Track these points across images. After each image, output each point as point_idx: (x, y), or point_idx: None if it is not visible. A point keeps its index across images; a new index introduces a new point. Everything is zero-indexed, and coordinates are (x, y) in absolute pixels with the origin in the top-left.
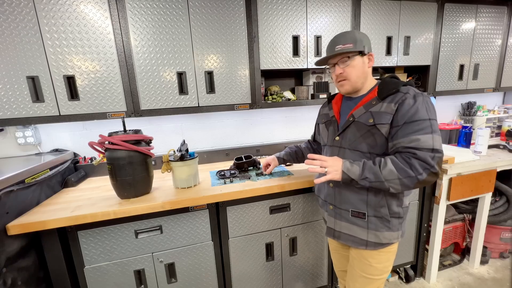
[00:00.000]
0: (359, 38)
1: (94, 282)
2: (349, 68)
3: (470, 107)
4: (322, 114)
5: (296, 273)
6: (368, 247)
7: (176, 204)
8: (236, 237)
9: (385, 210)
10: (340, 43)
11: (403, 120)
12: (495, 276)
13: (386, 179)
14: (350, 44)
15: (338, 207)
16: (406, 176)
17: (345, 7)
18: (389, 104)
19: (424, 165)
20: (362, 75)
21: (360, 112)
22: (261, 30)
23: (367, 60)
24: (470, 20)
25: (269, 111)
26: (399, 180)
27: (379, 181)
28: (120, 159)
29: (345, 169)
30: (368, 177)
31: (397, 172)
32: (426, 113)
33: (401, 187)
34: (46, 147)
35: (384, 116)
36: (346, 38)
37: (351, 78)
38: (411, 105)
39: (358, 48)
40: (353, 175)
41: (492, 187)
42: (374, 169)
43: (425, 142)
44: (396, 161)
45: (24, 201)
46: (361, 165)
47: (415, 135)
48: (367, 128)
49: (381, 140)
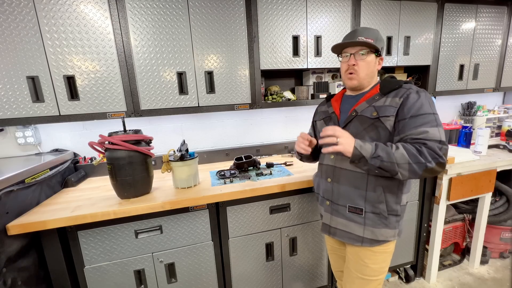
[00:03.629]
0: (380, 38)
1: (94, 282)
2: (363, 62)
3: (470, 107)
4: (319, 112)
5: (296, 273)
6: (364, 243)
7: (176, 204)
8: (236, 237)
9: (383, 206)
10: (362, 35)
11: (409, 113)
12: (495, 276)
13: (397, 162)
14: (372, 39)
15: (335, 202)
16: (416, 161)
17: (345, 7)
18: (394, 98)
19: (433, 154)
20: (371, 74)
21: (363, 107)
22: (261, 30)
23: (378, 62)
24: (470, 20)
25: (269, 111)
26: (408, 165)
27: (390, 162)
28: (120, 159)
29: (357, 145)
30: (380, 155)
31: (408, 156)
32: (430, 108)
33: (408, 173)
34: (46, 147)
35: (388, 109)
36: (370, 33)
37: (360, 74)
38: (416, 99)
39: (378, 45)
40: (365, 152)
41: (492, 187)
42: (387, 149)
43: (433, 134)
44: (408, 147)
45: (24, 201)
46: (373, 144)
47: (423, 127)
48: (370, 121)
49: (385, 134)
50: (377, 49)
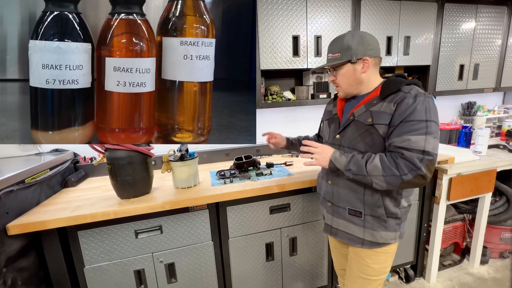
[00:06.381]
0: (347, 46)
1: (94, 282)
2: (339, 76)
3: (470, 107)
4: (327, 111)
5: (296, 273)
6: (364, 245)
7: (176, 204)
8: (236, 237)
9: (381, 210)
10: (330, 51)
11: (399, 119)
12: (495, 276)
13: (370, 174)
14: (338, 53)
15: (336, 204)
16: (391, 174)
17: (345, 7)
18: (389, 104)
19: (410, 166)
20: (354, 82)
21: (361, 111)
22: (261, 30)
23: (359, 67)
24: (470, 20)
25: (269, 111)
26: (383, 177)
27: (361, 175)
28: (120, 159)
29: (333, 159)
30: (351, 169)
31: (382, 169)
32: (424, 114)
33: (386, 185)
34: (46, 147)
35: (383, 116)
36: (336, 46)
37: (342, 86)
38: (409, 104)
39: (344, 58)
40: (339, 165)
41: (492, 187)
42: (359, 162)
43: (416, 143)
44: (384, 158)
45: (24, 201)
46: (349, 157)
47: (407, 135)
48: (365, 127)
49: (379, 140)
50: (348, 60)
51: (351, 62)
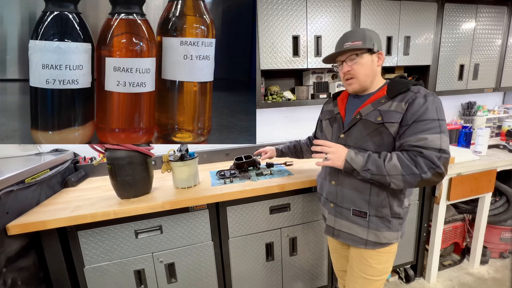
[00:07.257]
0: (368, 36)
1: (94, 282)
2: (357, 65)
3: (470, 107)
4: (325, 110)
5: (296, 273)
6: (367, 246)
7: (176, 204)
8: (236, 237)
9: (386, 211)
10: (349, 40)
11: (412, 119)
12: (495, 276)
13: (389, 173)
14: (359, 41)
15: (339, 205)
16: (410, 173)
17: (345, 7)
18: (400, 103)
19: (430, 164)
20: (371, 73)
21: (368, 110)
22: (261, 30)
23: (376, 59)
24: (470, 20)
25: (269, 111)
26: (402, 176)
27: (380, 175)
28: (120, 159)
29: (348, 158)
30: (370, 168)
31: (401, 168)
32: (436, 113)
33: (403, 184)
34: (46, 147)
35: (394, 114)
36: (355, 35)
37: (359, 76)
38: (421, 104)
39: (367, 45)
40: (356, 165)
41: (492, 187)
42: (378, 161)
43: (432, 141)
44: (402, 157)
45: (24, 201)
46: (365, 156)
47: (423, 134)
48: (375, 126)
49: (389, 140)
50: (369, 48)
51: (372, 52)
